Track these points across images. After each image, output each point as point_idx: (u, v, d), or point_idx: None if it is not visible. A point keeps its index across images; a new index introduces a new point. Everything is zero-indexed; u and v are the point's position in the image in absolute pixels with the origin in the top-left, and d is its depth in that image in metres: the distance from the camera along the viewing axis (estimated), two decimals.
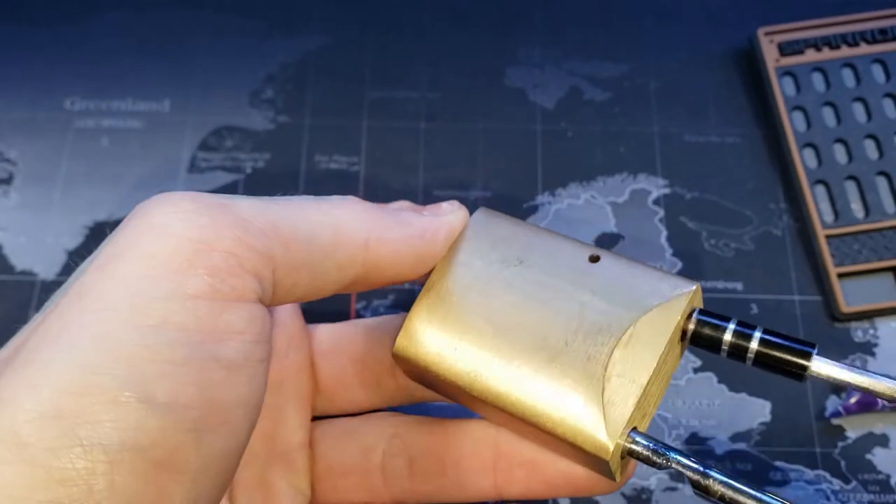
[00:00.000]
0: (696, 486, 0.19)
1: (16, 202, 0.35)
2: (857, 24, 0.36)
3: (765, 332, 0.21)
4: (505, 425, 0.23)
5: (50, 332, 0.17)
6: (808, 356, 0.21)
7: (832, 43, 0.36)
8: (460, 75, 0.37)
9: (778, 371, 0.21)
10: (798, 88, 0.36)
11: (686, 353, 0.32)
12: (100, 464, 0.16)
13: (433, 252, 0.23)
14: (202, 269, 0.17)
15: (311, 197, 0.21)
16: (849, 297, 0.32)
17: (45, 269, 0.34)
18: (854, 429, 0.31)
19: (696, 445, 0.31)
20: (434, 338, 0.22)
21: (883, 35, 0.36)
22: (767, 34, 0.36)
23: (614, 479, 0.21)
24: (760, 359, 0.21)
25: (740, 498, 0.19)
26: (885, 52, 0.36)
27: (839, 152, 0.35)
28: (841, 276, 0.33)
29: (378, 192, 0.35)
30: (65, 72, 0.37)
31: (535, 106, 0.37)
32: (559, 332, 0.21)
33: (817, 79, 0.36)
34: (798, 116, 0.35)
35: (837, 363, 0.21)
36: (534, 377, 0.21)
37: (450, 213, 0.23)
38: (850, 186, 0.34)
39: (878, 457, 0.30)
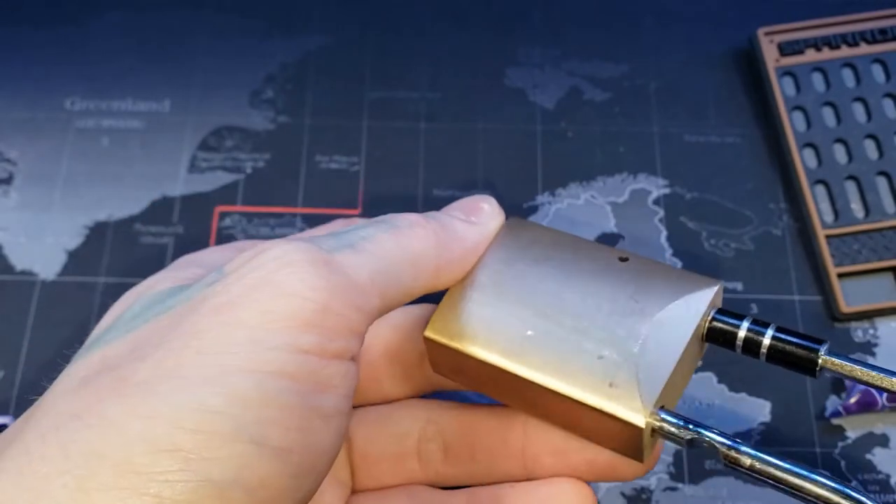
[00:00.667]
0: (727, 458, 0.20)
1: (16, 202, 0.35)
2: (856, 24, 0.36)
3: (777, 329, 0.22)
4: (532, 410, 0.24)
5: (163, 367, 0.17)
6: (817, 351, 0.22)
7: (832, 43, 0.36)
8: (460, 75, 0.37)
9: (790, 366, 0.22)
10: (798, 88, 0.36)
11: None
12: (210, 499, 0.16)
13: (476, 259, 0.24)
14: (316, 329, 0.18)
15: (386, 224, 0.22)
16: (849, 297, 0.32)
17: (45, 269, 0.34)
18: (854, 429, 0.31)
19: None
20: (467, 323, 0.23)
21: (883, 35, 0.36)
22: (767, 34, 0.36)
23: (642, 459, 0.22)
24: (773, 354, 0.22)
25: (768, 468, 0.20)
26: (885, 52, 0.36)
27: (839, 152, 0.35)
28: (841, 276, 0.33)
29: (378, 193, 0.35)
30: (65, 72, 0.37)
31: (535, 106, 0.37)
32: (593, 316, 0.22)
33: (817, 79, 0.36)
34: (798, 116, 0.35)
35: (847, 358, 0.22)
36: (569, 354, 0.22)
37: (491, 221, 0.25)
38: (850, 186, 0.34)
39: (878, 457, 0.30)
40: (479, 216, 0.24)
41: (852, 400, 0.30)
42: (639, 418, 0.20)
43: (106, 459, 0.16)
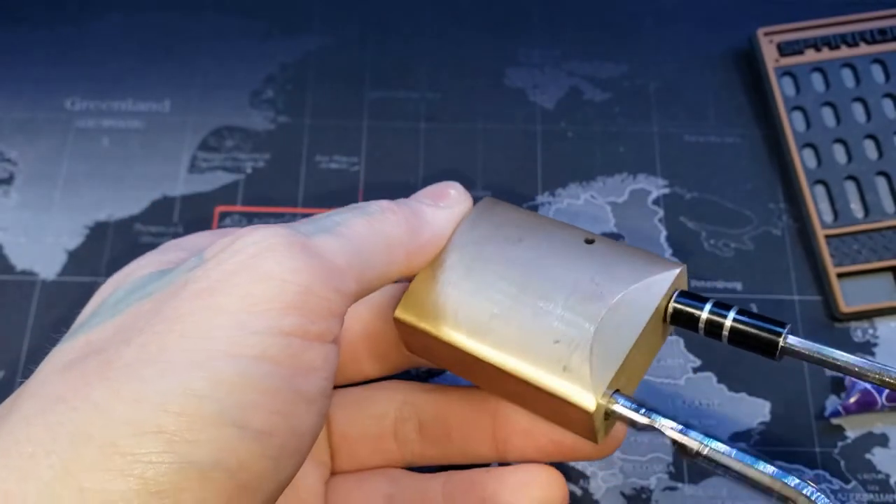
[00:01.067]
0: (675, 443, 0.21)
1: (16, 202, 0.35)
2: (856, 24, 0.36)
3: (739, 311, 0.22)
4: (496, 391, 0.24)
5: (148, 351, 0.18)
6: (778, 334, 0.22)
7: (832, 43, 0.36)
8: (460, 75, 0.37)
9: (752, 348, 0.22)
10: (797, 88, 0.36)
11: (686, 352, 0.32)
12: (192, 481, 0.17)
13: (444, 243, 0.24)
14: (298, 311, 0.19)
15: (359, 210, 0.22)
16: (848, 297, 0.32)
17: (46, 269, 0.34)
18: (853, 428, 0.31)
19: None
20: (435, 304, 0.23)
21: (882, 35, 0.36)
22: (767, 34, 0.36)
23: (596, 441, 0.22)
24: (734, 336, 0.22)
25: (716, 455, 0.20)
26: (885, 52, 0.36)
27: (839, 152, 0.35)
28: (840, 276, 0.33)
29: (378, 193, 0.35)
30: (65, 72, 0.37)
31: (535, 106, 0.37)
32: (554, 299, 0.22)
33: (817, 79, 0.36)
34: (797, 116, 0.35)
35: (809, 341, 0.22)
36: (527, 338, 0.22)
37: (458, 205, 0.25)
38: (850, 186, 0.34)
39: (878, 456, 0.30)
40: (447, 201, 0.25)
41: (852, 400, 0.30)
42: (590, 401, 0.21)
43: (92, 441, 0.16)
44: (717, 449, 0.20)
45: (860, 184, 0.34)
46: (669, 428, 0.21)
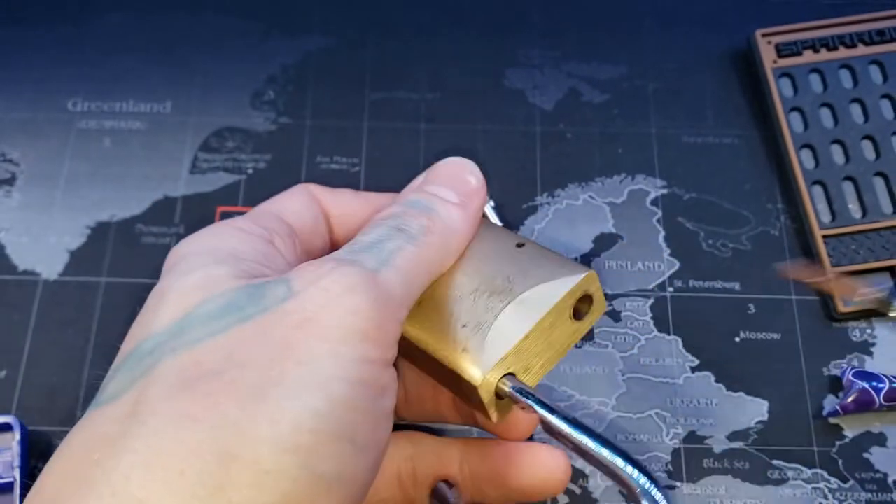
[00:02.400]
0: (542, 423, 0.23)
1: (18, 202, 0.35)
2: (854, 25, 0.36)
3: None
4: (432, 375, 0.26)
5: (270, 375, 0.20)
6: None
7: (829, 44, 0.36)
8: (460, 76, 0.38)
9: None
10: (795, 89, 0.36)
11: (684, 352, 0.32)
12: (322, 494, 0.19)
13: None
14: (376, 341, 0.21)
15: (405, 235, 0.24)
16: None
17: (48, 269, 0.34)
18: (851, 428, 0.31)
19: (695, 444, 0.31)
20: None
21: (880, 36, 0.36)
22: (765, 35, 0.37)
23: (491, 419, 0.24)
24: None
25: (576, 436, 0.22)
26: (883, 53, 0.36)
27: (836, 153, 0.35)
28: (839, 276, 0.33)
29: None
30: (67, 73, 0.38)
31: (535, 107, 0.37)
32: (474, 293, 0.25)
33: (815, 80, 0.36)
34: (795, 117, 0.36)
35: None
36: (445, 324, 0.25)
37: (478, 198, 0.27)
38: (848, 187, 0.34)
39: (876, 455, 0.31)
40: (468, 193, 0.27)
41: (850, 399, 0.30)
42: (476, 377, 0.23)
43: (237, 459, 0.18)
44: (579, 429, 0.22)
45: (858, 184, 0.34)
46: (541, 405, 0.23)
